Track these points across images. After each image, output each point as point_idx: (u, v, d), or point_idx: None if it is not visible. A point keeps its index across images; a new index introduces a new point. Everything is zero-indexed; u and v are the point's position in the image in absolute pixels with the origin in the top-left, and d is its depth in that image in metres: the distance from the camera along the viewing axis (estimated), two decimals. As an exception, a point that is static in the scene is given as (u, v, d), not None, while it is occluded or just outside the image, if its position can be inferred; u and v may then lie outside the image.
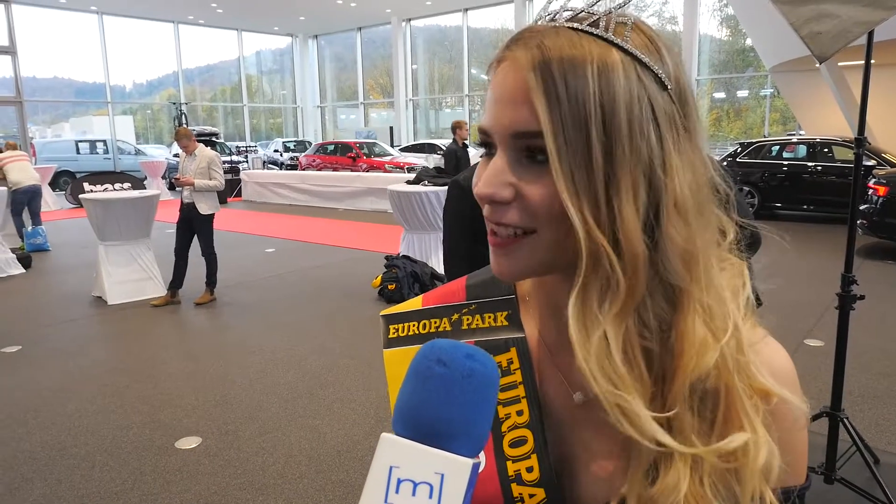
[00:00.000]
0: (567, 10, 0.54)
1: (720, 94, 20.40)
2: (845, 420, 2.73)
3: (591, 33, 0.52)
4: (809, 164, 10.32)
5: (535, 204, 0.52)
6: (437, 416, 0.45)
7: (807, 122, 14.04)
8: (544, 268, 0.56)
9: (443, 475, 0.43)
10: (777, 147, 10.98)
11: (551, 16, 0.55)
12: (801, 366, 4.20)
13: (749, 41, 16.86)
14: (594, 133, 0.49)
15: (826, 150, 10.30)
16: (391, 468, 0.44)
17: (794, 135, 13.15)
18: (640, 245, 0.50)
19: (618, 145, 0.50)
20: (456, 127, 8.35)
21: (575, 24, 0.52)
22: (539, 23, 0.56)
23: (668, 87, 0.53)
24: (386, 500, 0.43)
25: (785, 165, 10.58)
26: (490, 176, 0.53)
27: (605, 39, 0.51)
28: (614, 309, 0.51)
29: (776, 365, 0.58)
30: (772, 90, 18.38)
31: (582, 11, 0.54)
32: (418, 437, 0.45)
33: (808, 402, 0.58)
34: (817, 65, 2.41)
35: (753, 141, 11.46)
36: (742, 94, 20.23)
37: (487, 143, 0.56)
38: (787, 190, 10.43)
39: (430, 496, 0.43)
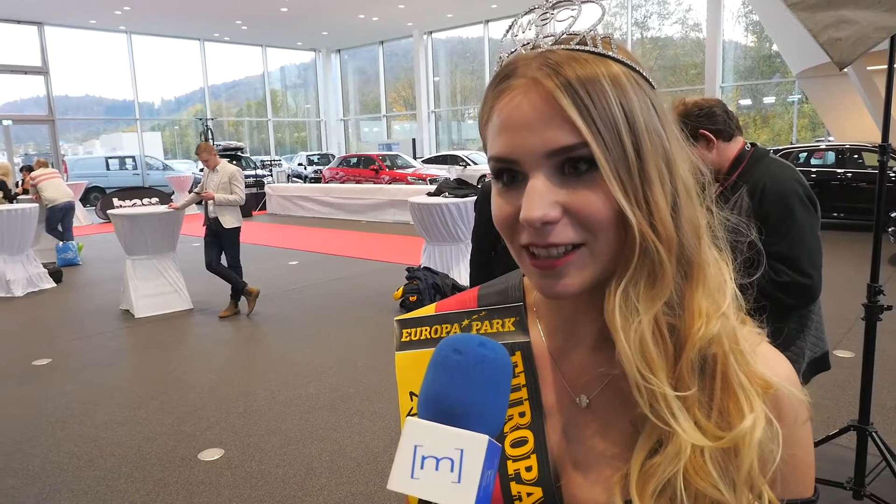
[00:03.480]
0: (547, 36, 0.58)
1: (746, 101, 20.13)
2: (874, 434, 2.66)
3: (586, 51, 0.55)
4: (839, 170, 10.12)
5: (589, 213, 0.54)
6: (455, 399, 0.49)
7: (836, 128, 13.80)
8: (597, 279, 0.57)
9: (462, 450, 0.47)
10: (805, 154, 10.80)
11: (531, 45, 0.58)
12: (831, 377, 4.11)
13: (775, 47, 16.65)
14: (625, 135, 0.53)
15: (856, 156, 10.10)
16: (416, 447, 0.48)
17: (822, 141, 12.92)
18: (672, 229, 0.55)
19: (642, 143, 0.54)
20: None
21: (565, 46, 0.56)
22: (519, 52, 0.59)
23: (655, 86, 0.58)
24: (412, 476, 0.47)
25: (813, 172, 10.39)
26: (534, 199, 0.54)
27: (600, 54, 0.55)
28: (653, 295, 0.55)
29: (776, 367, 0.60)
30: (799, 96, 18.11)
31: (564, 34, 0.57)
32: (439, 419, 0.49)
33: (834, 414, 0.60)
34: (844, 70, 2.38)
35: (780, 148, 11.29)
36: (769, 100, 19.95)
37: (508, 171, 0.57)
38: (816, 197, 10.22)
39: (452, 470, 0.47)
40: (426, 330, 0.73)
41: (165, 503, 3.03)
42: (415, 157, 20.96)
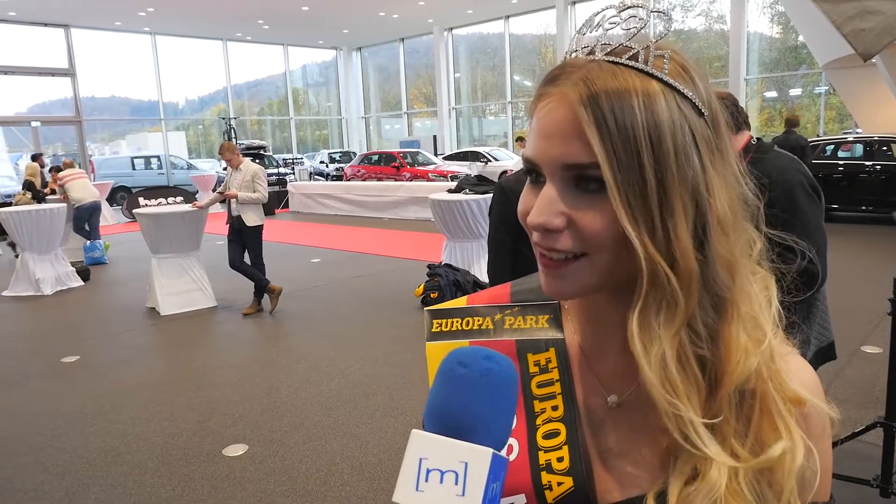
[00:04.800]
0: (605, 44, 0.57)
1: (771, 94, 19.79)
2: (902, 431, 2.61)
3: (632, 66, 0.55)
4: (867, 163, 9.93)
5: (590, 232, 0.55)
6: (459, 412, 0.50)
7: (864, 120, 13.49)
8: (596, 288, 0.59)
9: (466, 463, 0.47)
10: (832, 146, 10.60)
11: (588, 49, 0.58)
12: (858, 373, 4.04)
13: (801, 38, 16.33)
14: (646, 161, 0.52)
15: (885, 148, 9.90)
16: (421, 459, 0.48)
17: (850, 133, 12.66)
18: (693, 262, 0.54)
19: (668, 171, 0.53)
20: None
21: (615, 59, 0.56)
22: (575, 56, 0.59)
23: (704, 113, 0.56)
24: (417, 488, 0.47)
25: (841, 165, 10.20)
26: (542, 206, 0.56)
27: (645, 72, 0.55)
28: (671, 323, 0.55)
29: (804, 378, 0.61)
30: (826, 87, 17.76)
31: (619, 45, 0.57)
32: (444, 432, 0.49)
33: (860, 410, 0.61)
34: (871, 60, 2.33)
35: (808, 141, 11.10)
36: (795, 92, 19.59)
37: (534, 171, 0.59)
38: (844, 190, 10.05)
39: (456, 482, 0.47)
40: (457, 321, 0.73)
41: (191, 498, 3.08)
42: (436, 154, 20.96)
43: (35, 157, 13.08)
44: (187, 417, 3.99)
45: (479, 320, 0.72)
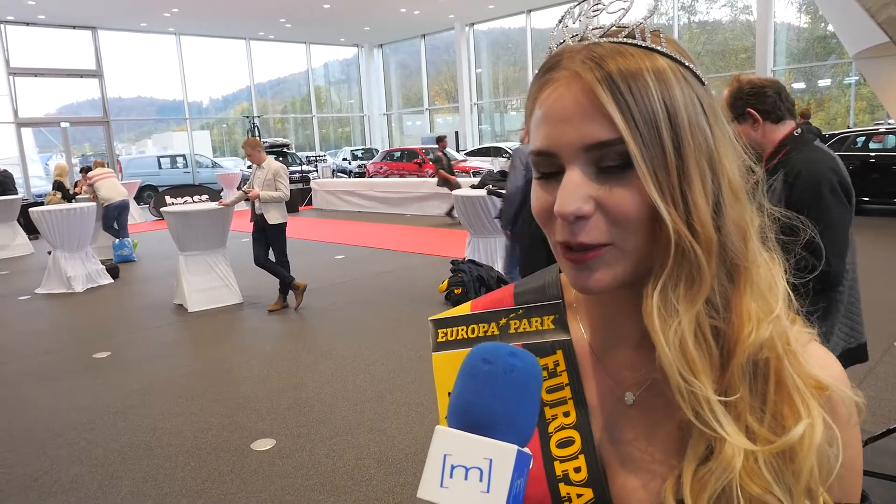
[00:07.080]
0: (596, 28, 0.57)
1: (800, 85, 19.43)
2: (940, 428, 2.55)
3: (633, 44, 0.54)
4: (899, 154, 9.71)
5: (622, 211, 0.53)
6: (484, 409, 0.49)
7: (896, 111, 13.21)
8: (629, 277, 0.56)
9: (491, 460, 0.47)
10: (863, 138, 10.38)
11: (579, 36, 0.57)
12: (892, 369, 3.96)
13: (830, 27, 16.00)
14: (665, 133, 0.52)
15: (918, 139, 9.67)
16: (445, 456, 0.48)
17: (882, 124, 12.39)
18: (712, 231, 0.54)
19: (684, 141, 0.53)
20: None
21: (612, 39, 0.55)
22: (567, 43, 0.58)
23: (705, 82, 0.57)
24: (442, 485, 0.47)
25: (872, 157, 9.98)
26: (568, 193, 0.54)
27: (648, 48, 0.54)
28: (692, 296, 0.54)
29: (828, 367, 0.59)
30: (857, 78, 17.39)
31: (612, 27, 0.56)
32: (468, 429, 0.49)
33: (895, 408, 0.58)
34: (903, 49, 2.28)
35: (836, 132, 10.88)
36: (824, 83, 19.22)
37: (548, 164, 0.57)
38: (875, 183, 9.84)
39: (481, 479, 0.47)
40: (462, 329, 0.72)
41: (220, 491, 3.13)
42: (458, 150, 20.95)
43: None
44: (216, 412, 4.05)
45: (483, 326, 0.71)
